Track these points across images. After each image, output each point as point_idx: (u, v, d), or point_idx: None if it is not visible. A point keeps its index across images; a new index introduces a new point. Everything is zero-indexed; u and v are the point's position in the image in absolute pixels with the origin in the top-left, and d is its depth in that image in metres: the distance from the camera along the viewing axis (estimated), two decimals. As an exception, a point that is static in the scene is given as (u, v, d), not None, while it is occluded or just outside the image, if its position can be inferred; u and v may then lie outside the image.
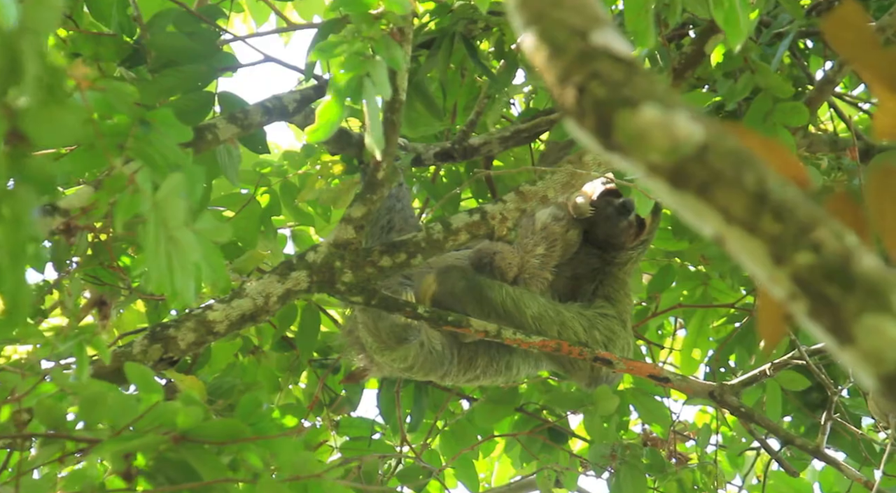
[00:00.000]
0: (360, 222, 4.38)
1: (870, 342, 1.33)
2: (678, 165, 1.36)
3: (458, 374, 4.97)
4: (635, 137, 1.37)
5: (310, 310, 5.31)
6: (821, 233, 1.34)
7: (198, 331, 4.19)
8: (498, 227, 4.58)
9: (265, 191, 5.42)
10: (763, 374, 4.72)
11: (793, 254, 1.35)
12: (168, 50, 4.65)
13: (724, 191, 1.36)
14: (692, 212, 1.38)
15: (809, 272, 1.34)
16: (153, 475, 2.93)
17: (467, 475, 5.93)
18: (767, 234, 1.35)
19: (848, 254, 1.34)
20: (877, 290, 1.33)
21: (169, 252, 2.59)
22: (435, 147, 5.21)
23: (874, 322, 1.33)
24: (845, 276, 1.34)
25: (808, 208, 1.35)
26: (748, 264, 1.38)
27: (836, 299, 1.34)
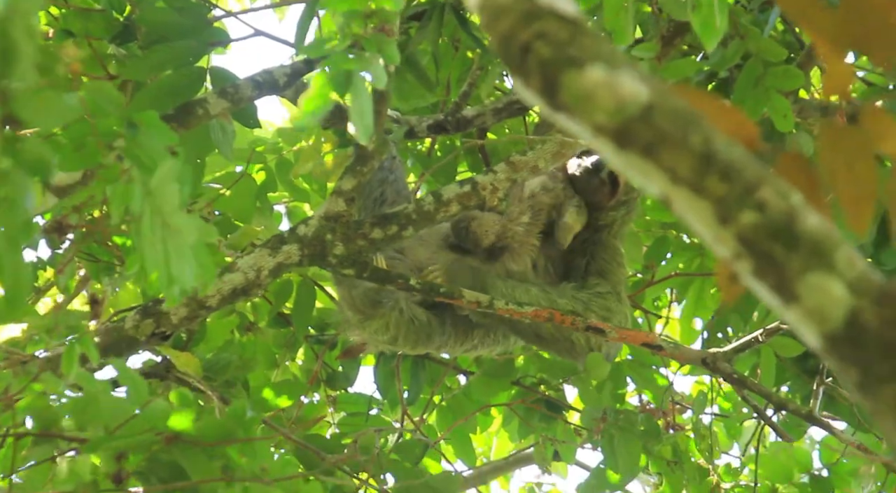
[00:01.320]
0: (351, 195, 4.38)
1: (814, 300, 1.33)
2: (623, 125, 1.36)
3: (455, 345, 4.98)
4: (581, 98, 1.36)
5: (305, 286, 5.32)
6: (765, 192, 1.34)
7: (189, 306, 4.20)
8: (489, 197, 4.58)
9: (261, 168, 5.42)
10: (755, 340, 4.71)
11: (738, 214, 1.35)
12: (158, 25, 4.64)
13: (669, 151, 1.35)
14: (638, 172, 1.38)
15: (754, 232, 1.34)
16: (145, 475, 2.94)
17: (464, 450, 5.94)
18: (713, 194, 1.35)
19: (792, 213, 1.34)
20: (820, 248, 1.33)
21: (164, 239, 2.59)
22: (428, 119, 5.21)
23: (818, 280, 1.33)
24: (789, 235, 1.34)
25: (754, 168, 1.35)
26: (694, 224, 1.38)
27: (781, 258, 1.34)
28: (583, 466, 6.78)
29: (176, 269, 2.59)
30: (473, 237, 4.91)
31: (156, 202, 2.57)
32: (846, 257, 1.34)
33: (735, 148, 1.35)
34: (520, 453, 6.81)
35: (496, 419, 6.27)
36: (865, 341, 1.32)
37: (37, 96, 2.16)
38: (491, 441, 7.07)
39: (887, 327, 1.32)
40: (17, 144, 2.23)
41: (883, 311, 1.32)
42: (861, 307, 1.32)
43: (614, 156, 1.38)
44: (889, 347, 1.32)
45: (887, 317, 1.32)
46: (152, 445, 2.86)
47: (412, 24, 4.84)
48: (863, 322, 1.32)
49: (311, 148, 5.14)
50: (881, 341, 1.32)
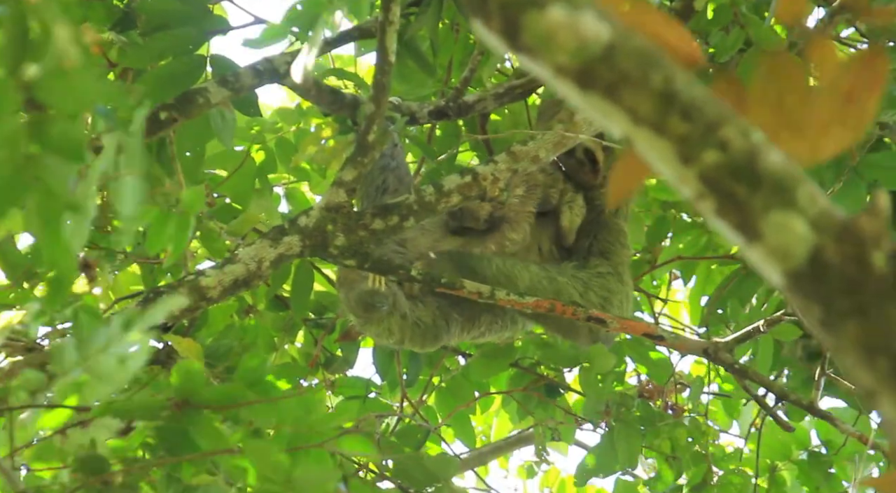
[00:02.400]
0: (352, 186, 4.37)
1: (777, 238, 1.33)
2: (585, 65, 1.35)
3: (463, 333, 4.97)
4: (542, 38, 1.36)
5: (303, 269, 5.32)
6: (728, 131, 1.34)
7: (191, 297, 4.19)
8: (490, 187, 4.58)
9: (260, 148, 5.42)
10: (757, 331, 4.71)
11: (700, 153, 1.34)
12: (158, 13, 4.65)
13: (631, 91, 1.35)
14: (600, 113, 1.38)
15: (716, 171, 1.34)
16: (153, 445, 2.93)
17: (464, 431, 5.95)
18: (675, 134, 1.35)
19: (754, 151, 1.34)
20: (783, 186, 1.33)
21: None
22: (429, 106, 5.20)
23: (780, 218, 1.33)
24: (751, 173, 1.33)
25: (716, 107, 1.35)
26: (656, 164, 1.37)
27: (743, 197, 1.34)
28: (582, 445, 6.78)
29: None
30: (469, 213, 4.90)
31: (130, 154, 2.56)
32: (808, 194, 1.33)
33: (696, 87, 1.35)
34: (521, 433, 6.80)
35: (496, 399, 6.27)
36: (827, 278, 1.32)
37: (62, 79, 2.15)
38: (491, 421, 7.07)
39: (848, 263, 1.32)
40: (45, 128, 2.21)
41: (844, 247, 1.32)
42: (823, 244, 1.32)
43: (576, 97, 1.37)
44: (850, 282, 1.31)
45: (848, 253, 1.32)
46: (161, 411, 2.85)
47: (412, 10, 4.84)
48: (825, 259, 1.32)
49: (313, 135, 5.13)
50: (843, 277, 1.32)
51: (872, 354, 1.31)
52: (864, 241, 1.32)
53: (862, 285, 1.31)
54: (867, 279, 1.31)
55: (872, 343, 1.31)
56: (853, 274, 1.31)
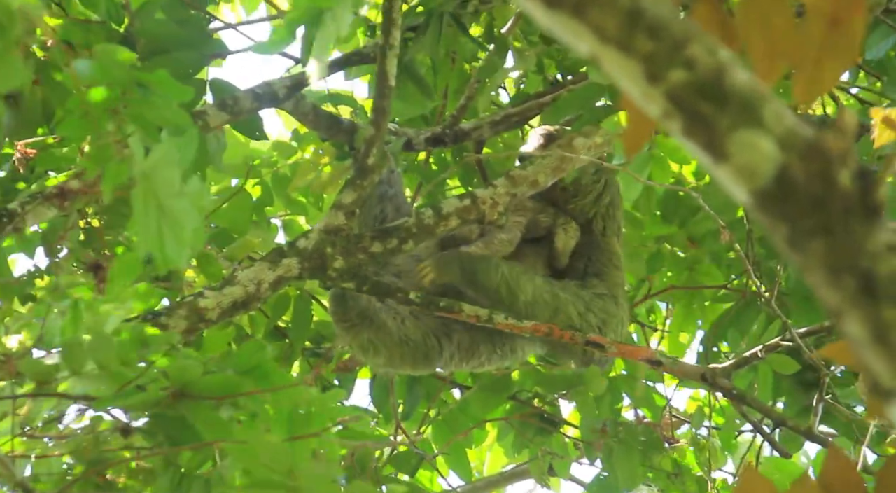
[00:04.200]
0: (351, 208, 4.38)
1: (743, 157, 1.33)
2: (552, -16, 1.36)
3: (461, 362, 4.91)
4: (510, -41, 1.36)
5: (302, 299, 5.32)
6: (694, 49, 1.33)
7: (189, 319, 4.18)
8: (489, 211, 4.58)
9: (256, 182, 5.43)
10: (754, 356, 4.68)
11: (666, 72, 1.34)
12: (157, 37, 4.66)
13: (597, 9, 1.35)
14: (568, 32, 1.37)
15: (683, 89, 1.34)
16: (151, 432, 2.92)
17: (460, 464, 5.91)
18: (641, 52, 1.34)
19: (721, 69, 1.33)
20: (749, 105, 1.33)
21: (159, 220, 2.58)
22: (426, 132, 5.22)
23: (747, 137, 1.32)
24: (718, 92, 1.33)
25: (682, 25, 1.34)
26: (623, 82, 1.37)
27: (710, 116, 1.33)
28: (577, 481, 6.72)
29: (172, 250, 2.58)
30: (461, 239, 4.87)
31: (151, 183, 2.55)
32: (775, 112, 1.33)
33: (663, 5, 1.34)
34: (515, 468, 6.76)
35: (490, 433, 6.24)
36: (793, 196, 1.32)
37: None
38: (484, 456, 7.03)
39: (814, 181, 1.31)
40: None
41: (810, 165, 1.31)
42: (789, 162, 1.31)
43: (543, 16, 1.37)
44: (816, 201, 1.31)
45: (814, 171, 1.31)
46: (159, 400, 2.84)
47: (411, 35, 4.85)
48: (791, 177, 1.32)
49: (310, 161, 5.15)
50: (808, 195, 1.31)
51: (838, 272, 1.30)
52: (829, 159, 1.31)
53: (827, 203, 1.30)
54: (833, 197, 1.30)
55: (838, 262, 1.30)
56: (819, 192, 1.31)
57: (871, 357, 1.30)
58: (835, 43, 1.47)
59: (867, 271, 1.29)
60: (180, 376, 2.81)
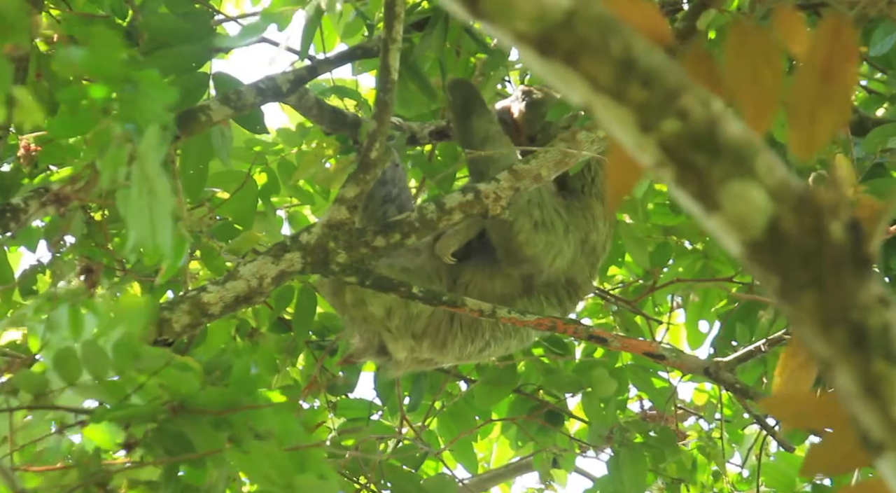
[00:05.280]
0: (354, 203, 4.38)
1: (735, 208, 1.33)
2: (545, 32, 1.35)
3: (466, 344, 4.89)
4: (502, 4, 1.35)
5: (306, 291, 5.31)
6: (687, 100, 1.34)
7: (192, 313, 4.19)
8: (492, 206, 4.58)
9: (262, 169, 5.41)
10: (758, 350, 4.68)
11: (659, 121, 1.34)
12: (161, 31, 4.66)
13: (590, 59, 1.34)
14: (560, 81, 1.37)
15: (676, 140, 1.34)
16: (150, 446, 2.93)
17: (466, 456, 5.92)
18: (634, 101, 1.34)
19: (714, 120, 1.33)
20: (742, 156, 1.33)
21: (151, 205, 2.59)
22: (430, 125, 5.21)
23: (739, 188, 1.32)
24: (711, 143, 1.33)
25: (675, 75, 1.34)
26: (615, 131, 1.37)
27: (702, 166, 1.33)
28: (583, 473, 6.74)
29: (161, 237, 2.59)
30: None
31: (143, 167, 2.56)
32: (767, 164, 1.33)
33: (656, 54, 1.34)
34: (521, 460, 6.77)
35: (496, 425, 6.24)
36: (785, 248, 1.32)
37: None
38: (491, 448, 7.04)
39: (806, 234, 1.31)
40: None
41: (802, 218, 1.31)
42: (781, 214, 1.32)
43: (536, 64, 1.37)
44: (808, 253, 1.31)
45: (806, 224, 1.31)
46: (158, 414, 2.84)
47: (415, 33, 4.84)
48: (783, 230, 1.32)
49: (313, 153, 5.14)
50: (800, 248, 1.31)
51: (829, 325, 1.30)
52: (821, 211, 1.31)
53: (819, 256, 1.31)
54: (824, 250, 1.31)
55: (829, 314, 1.30)
56: (811, 245, 1.31)
57: (860, 410, 1.30)
58: (828, 96, 1.46)
59: (858, 324, 1.29)
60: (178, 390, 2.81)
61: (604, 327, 5.86)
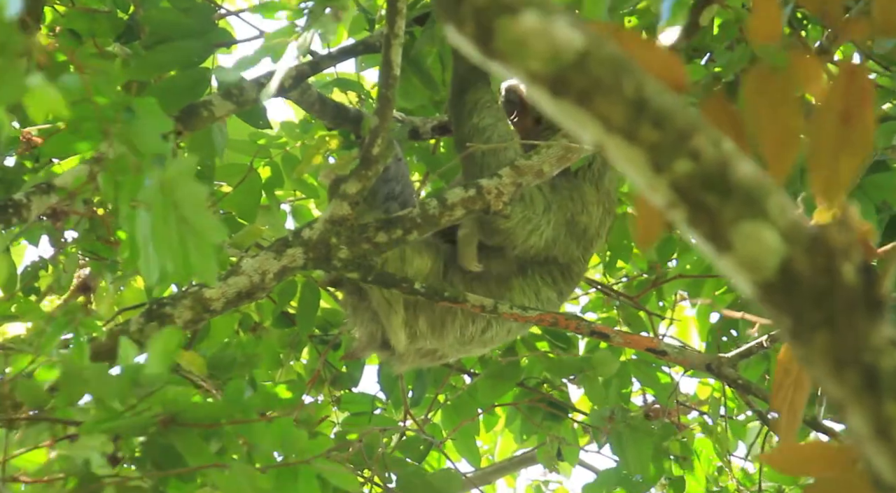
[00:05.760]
0: (356, 199, 4.37)
1: (747, 249, 1.33)
2: (558, 72, 1.35)
3: (466, 324, 4.86)
4: (515, 45, 1.35)
5: (309, 286, 5.31)
6: (699, 141, 1.33)
7: (194, 309, 4.19)
8: (494, 201, 4.57)
9: (266, 162, 5.40)
10: (760, 346, 4.68)
11: (671, 162, 1.34)
12: (162, 25, 4.65)
13: (603, 99, 1.34)
14: (573, 120, 1.37)
15: (688, 180, 1.34)
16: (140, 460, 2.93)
17: (469, 450, 5.93)
18: (646, 142, 1.34)
19: (725, 161, 1.33)
20: (753, 196, 1.33)
21: (181, 233, 2.58)
22: (432, 120, 5.21)
23: (751, 229, 1.32)
24: (723, 183, 1.33)
25: (687, 116, 1.34)
26: (628, 172, 1.37)
27: (714, 207, 1.33)
28: (586, 466, 6.75)
29: (198, 264, 2.58)
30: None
31: (171, 197, 2.56)
32: (778, 204, 1.33)
33: (668, 95, 1.34)
34: (525, 453, 6.78)
35: (500, 418, 6.24)
36: (798, 289, 1.32)
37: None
38: (495, 441, 7.05)
39: (818, 274, 1.31)
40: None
41: (814, 259, 1.31)
42: (793, 255, 1.31)
43: (549, 104, 1.37)
44: (820, 294, 1.31)
45: (818, 265, 1.31)
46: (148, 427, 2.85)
47: (416, 27, 4.84)
48: (795, 270, 1.32)
49: (316, 147, 5.12)
50: (813, 288, 1.31)
51: (841, 365, 1.30)
52: (833, 253, 1.31)
53: (831, 297, 1.31)
54: (837, 291, 1.31)
55: (842, 355, 1.30)
56: (823, 286, 1.31)
57: (872, 452, 1.30)
58: (848, 139, 1.46)
59: (870, 366, 1.29)
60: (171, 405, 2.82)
61: (607, 322, 5.86)
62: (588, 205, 4.98)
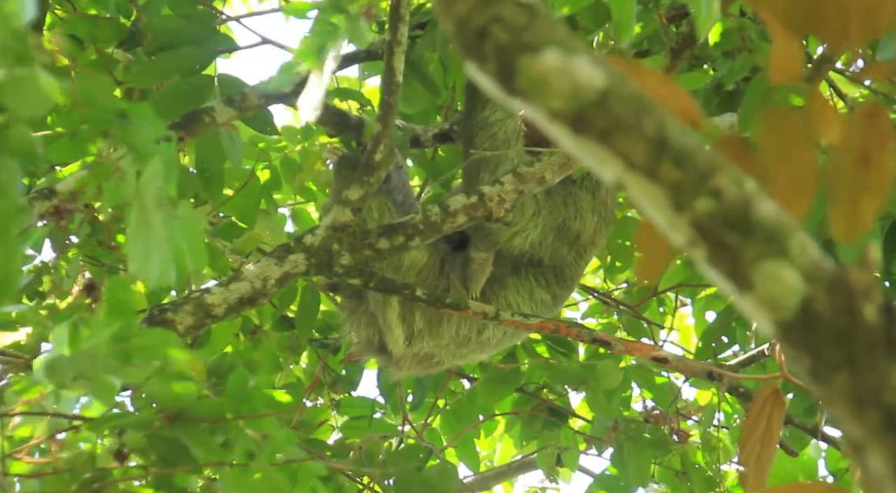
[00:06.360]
0: (358, 205, 4.38)
1: (768, 288, 1.33)
2: (579, 111, 1.35)
3: (461, 325, 4.87)
4: (537, 83, 1.35)
5: (309, 289, 5.31)
6: (720, 179, 1.33)
7: (196, 314, 4.19)
8: (495, 209, 4.57)
9: (265, 166, 5.40)
10: (761, 354, 4.70)
11: (693, 200, 1.34)
12: (164, 32, 4.66)
13: (624, 137, 1.34)
14: (594, 158, 1.37)
15: (709, 219, 1.33)
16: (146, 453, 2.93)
17: (468, 455, 5.93)
18: (667, 180, 1.34)
19: (747, 200, 1.33)
20: (775, 236, 1.33)
21: (147, 237, 2.59)
22: (433, 128, 5.21)
23: (772, 268, 1.32)
24: (744, 222, 1.33)
25: (708, 155, 1.34)
26: (649, 210, 1.37)
27: (735, 246, 1.33)
28: (586, 472, 6.76)
29: (154, 267, 2.59)
30: None
31: (142, 200, 2.57)
32: (800, 244, 1.33)
33: (689, 134, 1.34)
34: (524, 458, 6.78)
35: (500, 423, 6.25)
36: (818, 329, 1.31)
37: (15, 81, 2.16)
38: (494, 446, 7.05)
39: (839, 314, 1.31)
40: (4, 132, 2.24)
41: (835, 298, 1.31)
42: (814, 295, 1.32)
43: (569, 141, 1.37)
44: (841, 334, 1.31)
45: (839, 304, 1.31)
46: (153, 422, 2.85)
47: (418, 32, 4.84)
48: (815, 310, 1.32)
49: (317, 154, 5.13)
50: (833, 328, 1.31)
51: (862, 406, 1.30)
52: (854, 293, 1.31)
53: (852, 337, 1.31)
54: (858, 331, 1.31)
55: (862, 396, 1.30)
56: (844, 326, 1.31)
57: None
58: (867, 181, 1.46)
59: (891, 407, 1.29)
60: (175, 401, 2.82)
61: (607, 329, 5.87)
62: (582, 211, 4.99)
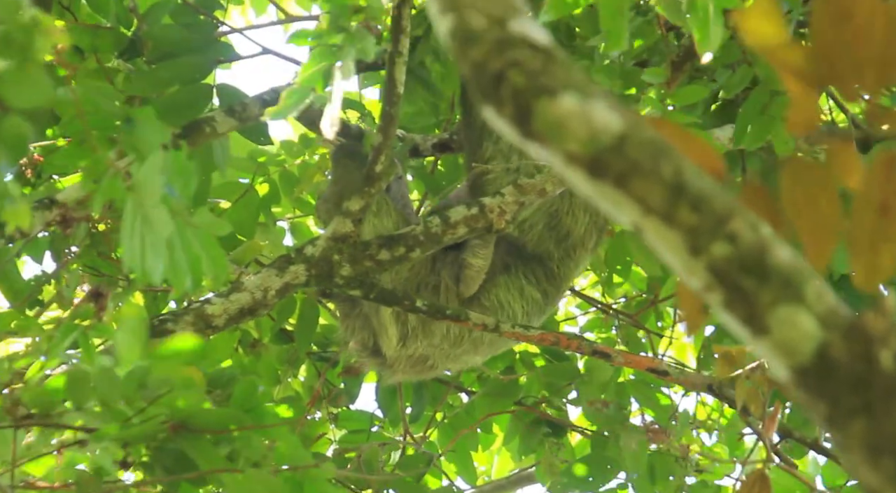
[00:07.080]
0: (358, 216, 4.38)
1: (783, 333, 1.33)
2: (596, 155, 1.35)
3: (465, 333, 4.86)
4: (553, 127, 1.36)
5: (309, 302, 5.30)
6: (737, 224, 1.34)
7: (196, 325, 4.20)
8: (496, 220, 4.58)
9: (263, 180, 5.39)
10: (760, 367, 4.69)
11: (709, 245, 1.34)
12: (165, 41, 4.65)
13: (641, 181, 1.35)
14: (610, 202, 1.38)
15: (725, 264, 1.34)
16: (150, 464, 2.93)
17: (466, 469, 5.92)
18: (684, 225, 1.34)
19: (763, 245, 1.33)
20: (791, 281, 1.33)
21: (143, 233, 2.59)
22: (433, 138, 5.20)
23: (788, 313, 1.33)
24: (760, 267, 1.33)
25: (724, 200, 1.34)
26: (665, 254, 1.37)
27: (751, 291, 1.33)
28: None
29: (150, 263, 2.59)
30: None
31: (138, 195, 2.57)
32: (816, 290, 1.33)
33: (706, 179, 1.34)
34: (521, 472, 6.77)
35: (498, 437, 6.24)
36: (834, 375, 1.32)
37: (15, 73, 2.16)
38: (492, 460, 7.04)
39: (856, 361, 1.31)
40: None
41: (851, 345, 1.32)
42: (830, 341, 1.32)
43: (586, 185, 1.37)
44: (857, 381, 1.31)
45: (856, 351, 1.31)
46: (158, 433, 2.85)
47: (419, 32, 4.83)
48: (832, 356, 1.32)
49: (317, 166, 5.12)
50: (850, 375, 1.31)
51: (878, 453, 1.30)
52: (871, 339, 1.31)
53: (869, 384, 1.31)
54: (874, 378, 1.31)
55: (878, 442, 1.30)
56: (860, 372, 1.31)
57: (908, 540, 1.31)
58: (887, 230, 1.47)
59: (907, 454, 1.30)
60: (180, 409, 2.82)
61: (606, 343, 5.86)
62: (575, 207, 5.01)
